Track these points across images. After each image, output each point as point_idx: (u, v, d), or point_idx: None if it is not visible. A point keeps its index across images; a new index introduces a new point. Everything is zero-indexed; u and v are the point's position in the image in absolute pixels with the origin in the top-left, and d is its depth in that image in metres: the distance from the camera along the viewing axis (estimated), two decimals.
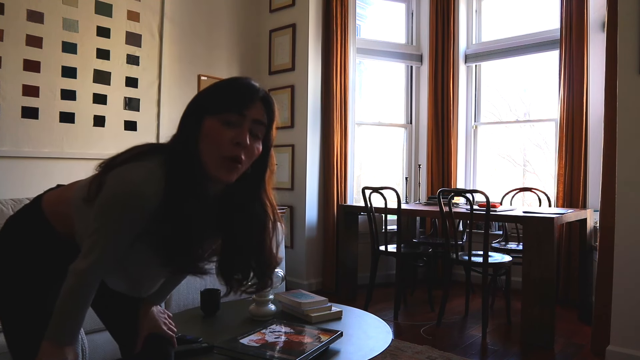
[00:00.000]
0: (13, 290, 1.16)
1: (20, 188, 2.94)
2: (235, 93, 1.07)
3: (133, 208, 1.01)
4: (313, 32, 4.12)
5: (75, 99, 3.27)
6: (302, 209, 4.09)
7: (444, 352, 2.72)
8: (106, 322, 1.36)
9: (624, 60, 2.47)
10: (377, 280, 3.62)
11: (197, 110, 1.07)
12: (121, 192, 1.01)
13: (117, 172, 1.03)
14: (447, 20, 4.46)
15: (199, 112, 1.07)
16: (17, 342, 1.16)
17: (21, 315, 1.15)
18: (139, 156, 1.07)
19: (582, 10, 3.66)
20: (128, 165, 1.04)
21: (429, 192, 4.47)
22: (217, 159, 1.04)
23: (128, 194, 1.00)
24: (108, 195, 1.02)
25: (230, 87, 1.09)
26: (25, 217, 1.23)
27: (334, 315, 1.94)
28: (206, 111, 1.06)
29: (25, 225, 1.21)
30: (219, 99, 1.06)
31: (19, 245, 1.19)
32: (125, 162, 1.05)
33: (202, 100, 1.09)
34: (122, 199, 1.00)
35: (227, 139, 1.04)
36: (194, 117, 1.07)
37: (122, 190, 1.01)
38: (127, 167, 1.03)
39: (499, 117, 4.67)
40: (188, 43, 3.94)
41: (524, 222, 2.94)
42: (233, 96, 1.06)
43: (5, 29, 2.97)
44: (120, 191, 1.01)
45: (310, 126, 4.10)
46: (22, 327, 1.15)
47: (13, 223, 1.23)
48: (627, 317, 2.44)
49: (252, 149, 1.07)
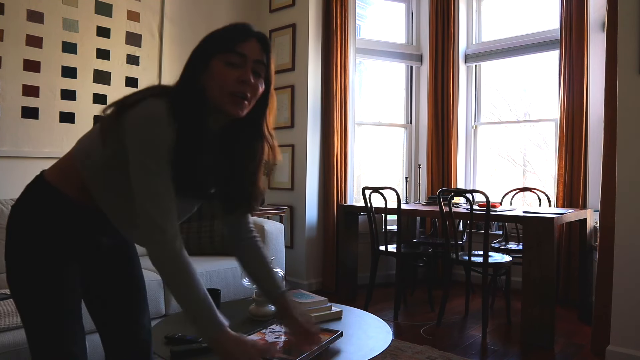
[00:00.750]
0: (32, 274, 1.16)
1: (20, 188, 2.93)
2: (232, 30, 1.15)
3: (164, 141, 1.06)
4: (313, 32, 4.12)
5: (75, 99, 3.28)
6: (302, 209, 4.09)
7: (444, 352, 2.72)
8: (99, 325, 1.35)
9: (624, 60, 2.47)
10: (377, 280, 3.62)
11: (201, 53, 1.14)
12: (148, 133, 1.06)
13: (135, 114, 1.07)
14: (447, 20, 4.46)
15: (202, 55, 1.13)
16: (36, 330, 1.17)
17: (41, 300, 1.16)
18: (149, 96, 1.11)
19: (582, 10, 3.66)
20: (143, 104, 1.08)
21: (429, 192, 4.47)
22: (225, 95, 1.12)
23: (156, 132, 1.05)
24: (135, 142, 1.06)
25: (227, 27, 1.17)
26: (33, 194, 1.21)
27: (334, 315, 1.94)
28: (209, 54, 1.13)
29: (36, 202, 1.20)
30: (218, 39, 1.14)
31: (34, 224, 1.18)
32: (137, 103, 1.09)
33: (204, 44, 1.15)
34: (150, 138, 1.05)
35: (232, 77, 1.11)
36: (198, 60, 1.14)
37: (148, 131, 1.06)
38: (144, 107, 1.07)
39: (499, 117, 4.67)
40: (188, 43, 3.92)
41: (524, 222, 2.94)
42: (230, 34, 1.15)
43: (5, 29, 2.97)
44: (146, 135, 1.06)
45: (310, 126, 4.10)
46: (41, 312, 1.16)
47: (22, 205, 1.21)
48: (627, 317, 2.44)
49: (255, 86, 1.15)
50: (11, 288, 1.20)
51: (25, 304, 1.18)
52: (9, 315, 1.99)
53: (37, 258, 1.16)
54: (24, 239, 1.18)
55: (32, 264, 1.16)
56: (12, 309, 2.03)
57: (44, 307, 1.16)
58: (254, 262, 1.36)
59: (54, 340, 1.15)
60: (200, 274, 2.83)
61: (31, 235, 1.18)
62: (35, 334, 1.17)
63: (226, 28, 1.17)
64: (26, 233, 1.18)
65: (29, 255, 1.17)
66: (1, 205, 2.70)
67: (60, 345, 1.16)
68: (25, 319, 1.18)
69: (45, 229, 1.18)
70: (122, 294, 1.34)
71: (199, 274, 1.11)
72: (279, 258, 3.31)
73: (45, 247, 1.17)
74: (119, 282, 1.34)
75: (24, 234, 1.18)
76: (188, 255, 1.10)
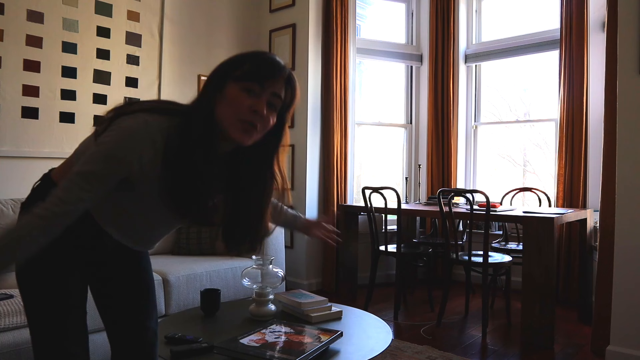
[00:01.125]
0: (40, 274, 1.17)
1: (20, 188, 2.94)
2: (263, 65, 1.12)
3: (129, 159, 1.04)
4: (313, 32, 4.12)
5: (75, 99, 3.28)
6: (302, 209, 4.09)
7: (444, 352, 2.72)
8: (108, 324, 1.36)
9: (624, 60, 2.46)
10: (377, 280, 3.62)
11: (221, 75, 1.12)
12: (114, 141, 1.04)
13: (122, 121, 1.06)
14: (447, 20, 4.46)
15: (221, 77, 1.12)
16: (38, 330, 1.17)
17: (45, 306, 1.17)
18: (146, 111, 1.10)
19: (582, 10, 3.66)
20: (136, 116, 1.07)
21: (429, 192, 4.47)
22: (233, 120, 1.09)
23: (128, 146, 1.04)
24: (105, 140, 1.05)
25: (258, 59, 1.13)
26: (42, 194, 1.18)
27: (334, 315, 1.94)
28: (229, 77, 1.11)
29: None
30: (244, 68, 1.11)
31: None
32: (133, 112, 1.08)
33: (226, 67, 1.13)
34: (113, 148, 1.04)
35: (245, 105, 1.09)
36: (216, 81, 1.12)
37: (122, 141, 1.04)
38: (133, 117, 1.06)
39: (499, 117, 4.67)
40: (188, 43, 3.94)
41: (524, 222, 2.94)
42: (259, 68, 1.11)
43: (5, 29, 2.97)
44: (113, 141, 1.04)
45: (310, 126, 4.10)
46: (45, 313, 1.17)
47: (31, 204, 1.19)
48: (627, 317, 2.44)
49: (267, 118, 1.12)
50: (20, 288, 1.21)
51: (30, 303, 1.20)
52: (9, 315, 2.00)
53: (46, 257, 1.15)
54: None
55: (41, 263, 1.16)
56: (12, 309, 2.03)
57: (48, 307, 1.17)
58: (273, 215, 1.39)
59: (55, 340, 1.16)
60: (200, 274, 2.84)
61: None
62: (37, 334, 1.18)
63: (257, 60, 1.13)
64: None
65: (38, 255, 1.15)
66: (1, 205, 2.70)
67: (62, 345, 1.17)
68: (30, 319, 1.20)
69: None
70: (132, 294, 1.34)
71: (199, 274, 1.12)
72: (279, 258, 3.31)
73: (55, 246, 1.13)
74: (129, 282, 1.34)
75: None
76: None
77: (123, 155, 1.04)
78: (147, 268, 1.40)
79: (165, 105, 1.15)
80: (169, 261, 2.99)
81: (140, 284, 1.36)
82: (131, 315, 1.33)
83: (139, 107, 1.11)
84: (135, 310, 1.33)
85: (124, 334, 1.32)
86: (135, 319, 1.33)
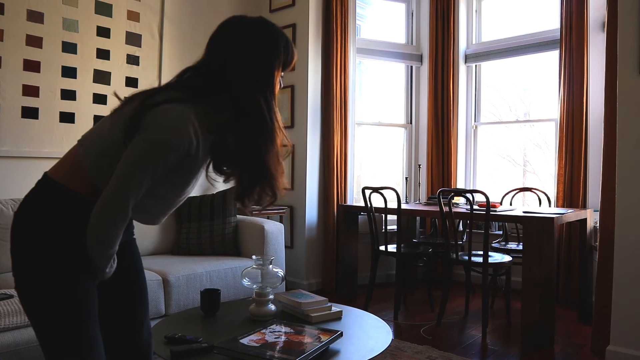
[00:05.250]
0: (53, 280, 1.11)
1: (20, 188, 2.93)
2: (292, 51, 1.31)
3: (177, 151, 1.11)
4: (313, 32, 4.12)
5: (75, 99, 3.28)
6: (302, 209, 4.09)
7: (444, 352, 2.72)
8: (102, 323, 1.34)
9: (624, 60, 2.47)
10: (377, 280, 3.62)
11: (272, 64, 1.25)
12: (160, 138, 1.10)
13: (157, 114, 1.11)
14: (447, 20, 4.46)
15: (271, 65, 1.24)
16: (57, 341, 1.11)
17: (63, 311, 1.11)
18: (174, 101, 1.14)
19: (582, 10, 3.66)
20: (168, 107, 1.12)
21: (429, 192, 4.47)
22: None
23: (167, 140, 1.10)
24: (151, 136, 1.10)
25: (288, 45, 1.29)
26: (41, 194, 1.16)
27: (334, 315, 1.94)
28: (276, 66, 1.25)
29: (45, 200, 1.15)
30: (289, 58, 1.30)
31: (47, 224, 1.12)
32: (164, 102, 1.13)
33: (275, 55, 1.26)
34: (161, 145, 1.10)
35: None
36: (268, 73, 1.25)
37: (162, 136, 1.10)
38: (167, 110, 1.11)
39: (499, 117, 4.67)
40: (188, 43, 3.94)
41: (524, 222, 2.94)
42: (292, 54, 1.30)
43: (5, 29, 2.97)
44: (159, 137, 1.10)
45: (310, 126, 4.10)
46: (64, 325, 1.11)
47: (29, 205, 1.15)
48: (627, 317, 2.44)
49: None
50: (24, 298, 1.14)
51: (44, 316, 1.11)
52: (9, 315, 1.99)
53: (54, 261, 1.11)
54: (36, 242, 1.12)
55: (50, 268, 1.11)
56: (12, 309, 2.03)
57: (67, 319, 1.11)
58: None
59: (77, 352, 1.11)
60: (200, 274, 2.84)
61: (44, 237, 1.12)
62: (57, 346, 1.11)
63: (292, 47, 1.30)
64: (38, 235, 1.12)
65: (44, 259, 1.11)
66: (1, 205, 2.71)
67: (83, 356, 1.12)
68: (44, 331, 1.12)
69: (59, 227, 1.12)
70: (127, 293, 1.34)
71: (199, 274, 1.13)
72: (279, 258, 3.31)
73: (62, 247, 1.12)
74: (123, 281, 1.33)
75: (36, 237, 1.12)
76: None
77: (178, 142, 1.11)
78: (139, 264, 1.39)
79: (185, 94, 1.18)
80: (169, 261, 2.99)
81: (134, 284, 1.35)
82: (126, 315, 1.32)
83: (162, 98, 1.14)
84: (130, 310, 1.33)
85: (119, 333, 1.31)
86: (131, 319, 1.33)
